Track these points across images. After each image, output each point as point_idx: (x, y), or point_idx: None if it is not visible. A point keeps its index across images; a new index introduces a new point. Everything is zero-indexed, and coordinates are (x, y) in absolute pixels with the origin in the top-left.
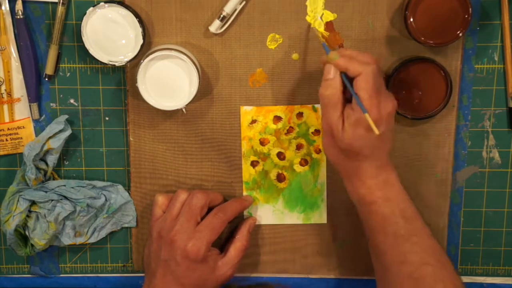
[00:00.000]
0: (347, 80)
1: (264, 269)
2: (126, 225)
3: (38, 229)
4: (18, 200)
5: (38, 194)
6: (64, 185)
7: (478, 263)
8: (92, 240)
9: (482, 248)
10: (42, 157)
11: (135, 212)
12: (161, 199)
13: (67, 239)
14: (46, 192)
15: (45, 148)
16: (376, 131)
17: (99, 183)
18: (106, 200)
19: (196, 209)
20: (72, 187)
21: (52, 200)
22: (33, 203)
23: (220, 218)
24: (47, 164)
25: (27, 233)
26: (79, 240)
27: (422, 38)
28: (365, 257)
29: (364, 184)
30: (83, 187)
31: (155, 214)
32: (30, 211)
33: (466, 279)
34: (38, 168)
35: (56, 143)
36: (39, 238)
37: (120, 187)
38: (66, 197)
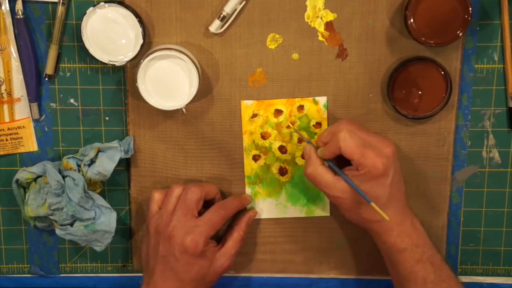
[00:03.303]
0: (337, 168)
1: (264, 269)
2: (92, 246)
3: (33, 201)
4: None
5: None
6: (74, 178)
7: (478, 263)
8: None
9: (482, 248)
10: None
11: (107, 243)
12: (157, 195)
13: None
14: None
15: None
16: (387, 218)
17: (100, 200)
18: (94, 217)
19: (192, 203)
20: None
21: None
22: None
23: (221, 214)
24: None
25: (26, 196)
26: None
27: (422, 38)
28: (366, 257)
29: (393, 232)
30: (86, 194)
31: (152, 211)
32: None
33: (466, 279)
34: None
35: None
36: (31, 208)
37: (114, 214)
38: (64, 191)
